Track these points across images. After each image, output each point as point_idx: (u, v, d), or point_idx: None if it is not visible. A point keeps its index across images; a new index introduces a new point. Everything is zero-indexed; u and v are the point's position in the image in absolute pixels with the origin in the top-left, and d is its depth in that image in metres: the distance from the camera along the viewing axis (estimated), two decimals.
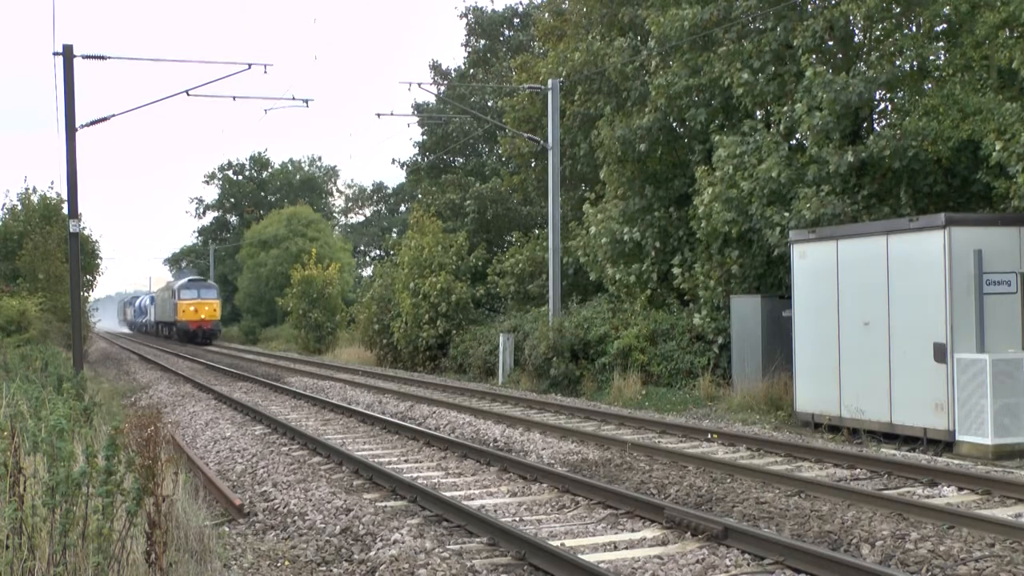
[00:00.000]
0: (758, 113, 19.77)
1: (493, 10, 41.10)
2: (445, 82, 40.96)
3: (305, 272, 46.09)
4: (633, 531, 8.53)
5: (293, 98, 33.25)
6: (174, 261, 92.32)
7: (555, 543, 7.78)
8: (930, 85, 16.84)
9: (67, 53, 21.45)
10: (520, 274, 29.20)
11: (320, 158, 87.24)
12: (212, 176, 75.69)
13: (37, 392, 10.63)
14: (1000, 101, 14.37)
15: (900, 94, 17.82)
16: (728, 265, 19.06)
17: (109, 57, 22.15)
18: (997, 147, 13.88)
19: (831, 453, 12.04)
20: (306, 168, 76.90)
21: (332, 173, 77.97)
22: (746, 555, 7.52)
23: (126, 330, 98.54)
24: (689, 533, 8.17)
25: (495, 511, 9.37)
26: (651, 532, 8.43)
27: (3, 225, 37.80)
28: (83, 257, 29.13)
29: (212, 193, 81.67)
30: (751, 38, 19.14)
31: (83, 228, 33.02)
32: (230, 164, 75.68)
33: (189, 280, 57.94)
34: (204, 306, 55.43)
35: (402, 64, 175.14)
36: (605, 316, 22.40)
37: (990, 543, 7.59)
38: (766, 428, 15.03)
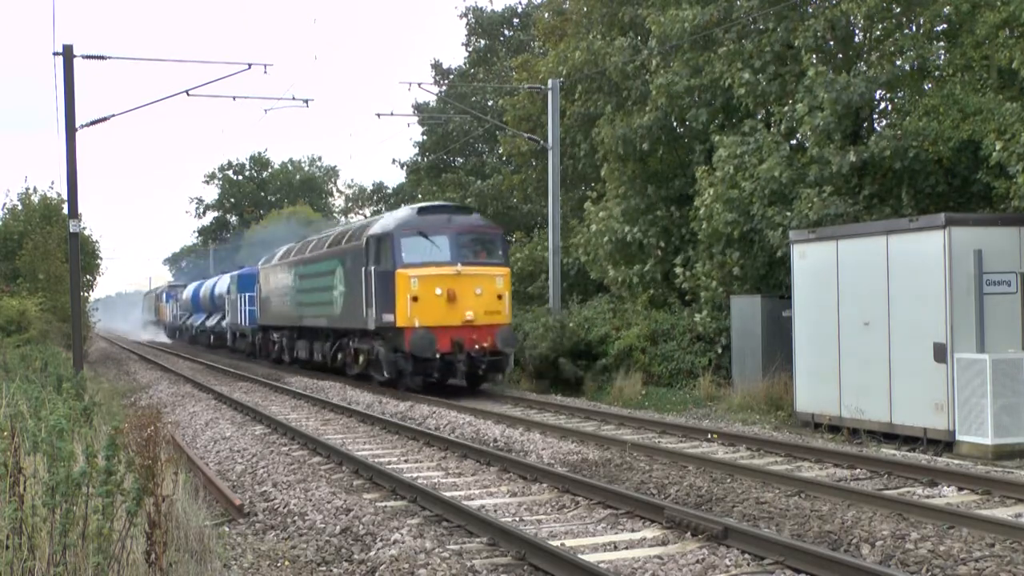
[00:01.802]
0: (759, 113, 19.77)
1: (493, 10, 41.13)
2: (446, 81, 40.96)
3: None
4: (633, 531, 8.52)
5: (293, 98, 33.40)
6: (174, 261, 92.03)
7: (555, 543, 7.78)
8: (930, 85, 16.86)
9: (67, 53, 21.46)
10: (520, 274, 29.19)
11: (320, 158, 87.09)
12: (212, 176, 75.68)
13: (37, 392, 10.63)
14: (1000, 101, 14.37)
15: (900, 94, 17.84)
16: (729, 266, 19.05)
17: (109, 57, 22.19)
18: (997, 147, 13.88)
19: (831, 453, 12.04)
20: (306, 168, 76.83)
21: (332, 173, 77.92)
22: (746, 555, 7.52)
23: (162, 337, 68.68)
24: (689, 533, 8.17)
25: (495, 511, 9.36)
26: (651, 532, 8.42)
27: (3, 225, 37.76)
28: (83, 257, 29.11)
29: (212, 193, 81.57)
30: (752, 38, 19.15)
31: (83, 228, 32.96)
32: (230, 164, 75.68)
33: (420, 210, 21.85)
34: (473, 285, 20.37)
35: (402, 64, 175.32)
36: (606, 316, 22.40)
37: (990, 543, 7.58)
38: (766, 428, 15.03)
